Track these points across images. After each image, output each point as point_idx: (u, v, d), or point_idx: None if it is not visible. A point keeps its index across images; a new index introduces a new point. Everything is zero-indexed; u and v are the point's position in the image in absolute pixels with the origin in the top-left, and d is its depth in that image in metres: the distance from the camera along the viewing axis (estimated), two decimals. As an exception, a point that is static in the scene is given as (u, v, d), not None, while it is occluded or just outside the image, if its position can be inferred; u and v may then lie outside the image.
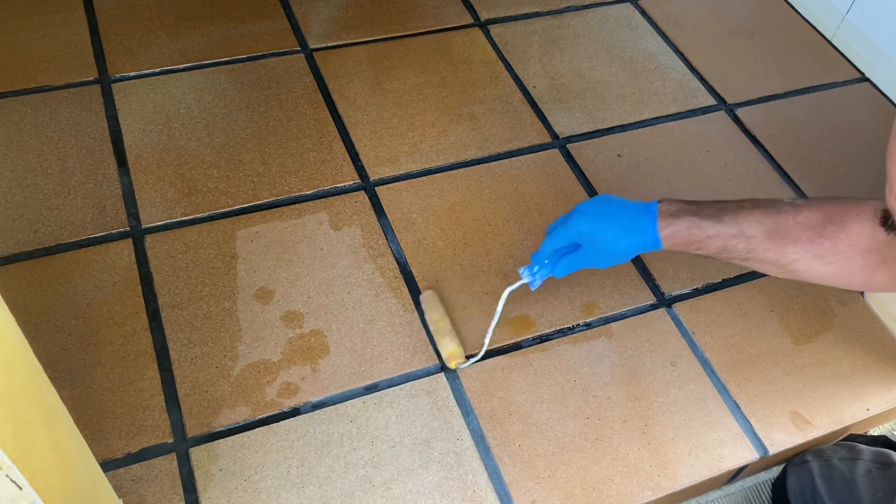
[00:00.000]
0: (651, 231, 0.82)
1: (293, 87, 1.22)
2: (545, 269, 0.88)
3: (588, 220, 0.84)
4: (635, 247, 0.83)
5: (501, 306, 0.90)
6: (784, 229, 0.78)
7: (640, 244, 0.83)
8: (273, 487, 0.82)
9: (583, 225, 0.84)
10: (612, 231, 0.83)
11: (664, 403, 0.93)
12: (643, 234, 0.82)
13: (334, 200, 1.08)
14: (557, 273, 0.88)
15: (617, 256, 0.84)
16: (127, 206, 1.04)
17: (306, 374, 0.91)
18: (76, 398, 0.86)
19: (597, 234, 0.83)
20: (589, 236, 0.84)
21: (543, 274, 0.88)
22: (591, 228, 0.83)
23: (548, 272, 0.88)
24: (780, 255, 0.79)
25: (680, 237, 0.81)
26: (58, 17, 1.28)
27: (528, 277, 0.89)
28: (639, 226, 0.82)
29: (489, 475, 0.85)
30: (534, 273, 0.88)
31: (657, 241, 0.82)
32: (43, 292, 0.94)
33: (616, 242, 0.83)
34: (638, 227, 0.82)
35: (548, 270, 0.88)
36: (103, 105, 1.16)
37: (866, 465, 0.85)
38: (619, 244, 0.83)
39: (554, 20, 1.41)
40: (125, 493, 0.80)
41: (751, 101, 1.31)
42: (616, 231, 0.83)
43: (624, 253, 0.84)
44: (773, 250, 0.79)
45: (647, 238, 0.82)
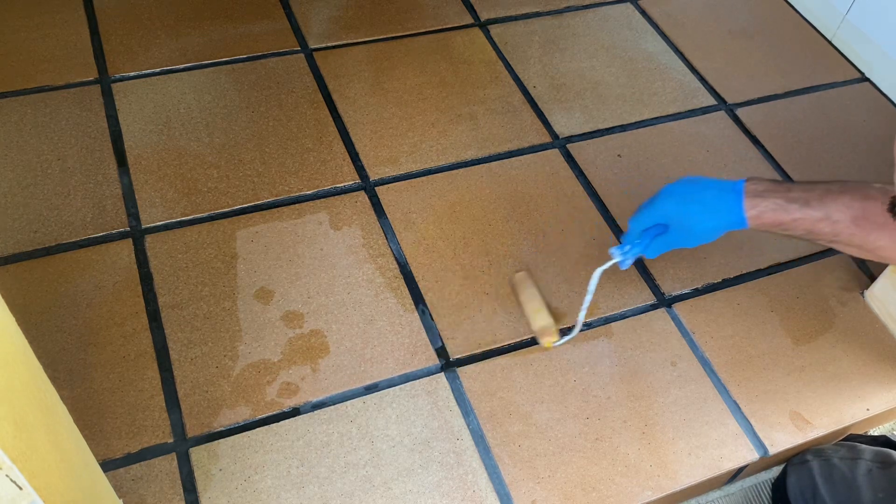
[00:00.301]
0: (737, 211, 0.83)
1: (293, 87, 1.22)
2: (637, 249, 0.89)
3: (673, 202, 0.85)
4: (721, 226, 0.84)
5: (594, 285, 0.91)
6: (871, 215, 0.78)
7: (725, 224, 0.84)
8: (273, 487, 0.82)
9: (668, 206, 0.85)
10: (698, 212, 0.84)
11: (664, 403, 0.93)
12: (728, 214, 0.83)
13: (334, 200, 1.08)
14: (649, 254, 0.89)
15: (703, 236, 0.85)
16: (127, 206, 1.04)
17: (306, 374, 0.91)
18: (76, 398, 0.86)
19: (682, 215, 0.84)
20: (675, 217, 0.85)
21: (635, 253, 0.89)
22: (676, 210, 0.85)
23: (639, 251, 0.89)
24: (865, 241, 0.80)
25: (766, 218, 0.82)
26: (58, 17, 1.28)
27: (619, 257, 0.90)
28: (724, 206, 0.83)
29: (489, 475, 0.85)
30: (625, 252, 0.90)
31: (743, 220, 0.83)
32: (43, 292, 0.94)
33: (701, 222, 0.84)
34: (723, 207, 0.83)
35: (639, 250, 0.89)
36: (103, 105, 1.16)
37: (867, 464, 0.85)
38: (705, 224, 0.84)
39: (554, 20, 1.41)
40: (125, 493, 0.80)
41: (751, 101, 1.31)
42: (701, 211, 0.84)
43: (710, 232, 0.85)
44: (858, 235, 0.79)
45: (732, 218, 0.83)
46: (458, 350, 0.95)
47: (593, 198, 1.13)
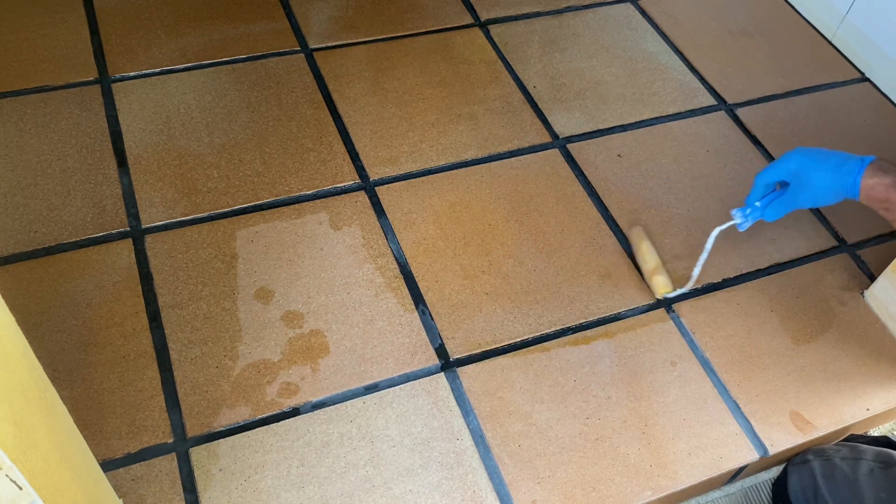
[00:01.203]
0: (854, 175, 0.86)
1: (293, 87, 1.22)
2: (757, 212, 0.94)
3: (799, 156, 0.90)
4: (836, 188, 0.88)
5: (711, 244, 0.95)
6: None
7: (840, 186, 0.88)
8: (273, 487, 0.82)
9: (793, 160, 0.90)
10: (819, 170, 0.89)
11: (664, 403, 0.93)
12: (845, 176, 0.87)
13: (334, 200, 1.08)
14: (768, 216, 0.94)
15: (820, 195, 0.90)
16: (127, 206, 1.04)
17: (306, 374, 0.91)
18: (76, 398, 0.86)
19: (805, 169, 0.89)
20: (797, 172, 0.90)
21: (755, 216, 0.95)
22: (800, 164, 0.90)
23: (759, 215, 0.94)
24: None
25: (877, 192, 0.86)
26: (58, 17, 1.28)
27: (739, 218, 0.95)
28: (845, 168, 0.87)
29: (489, 475, 0.85)
30: (746, 215, 0.94)
31: (856, 187, 0.87)
32: (43, 292, 0.94)
33: (820, 180, 0.88)
34: (843, 169, 0.87)
35: (759, 213, 0.94)
36: (103, 105, 1.16)
37: (869, 464, 0.85)
38: (822, 182, 0.88)
39: (554, 20, 1.41)
40: (125, 493, 0.80)
41: (751, 101, 1.31)
42: (822, 170, 0.88)
43: (825, 192, 0.89)
44: None
45: (847, 181, 0.87)
46: (458, 350, 0.95)
47: (593, 198, 1.13)
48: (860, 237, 1.13)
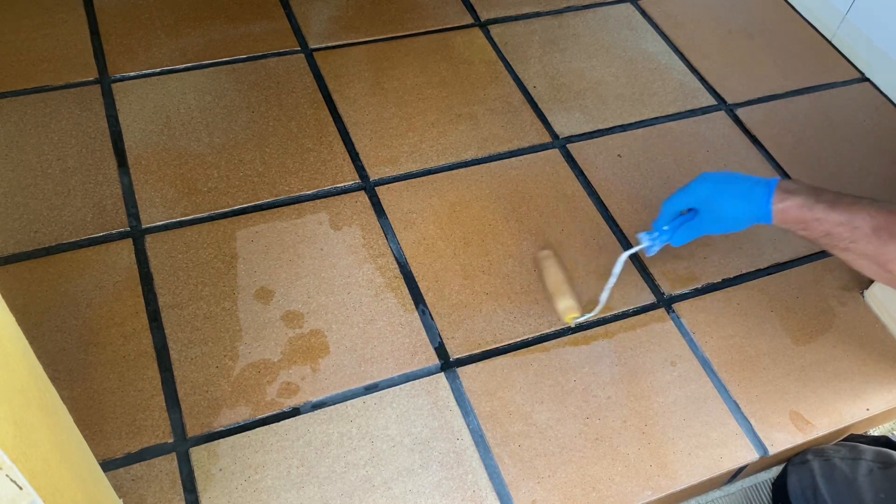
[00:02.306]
0: (765, 203, 0.85)
1: (293, 87, 1.22)
2: (664, 236, 0.91)
3: (707, 184, 0.88)
4: (747, 215, 0.86)
5: (619, 269, 0.93)
6: (892, 227, 0.79)
7: (752, 214, 0.86)
8: (273, 487, 0.82)
9: (702, 189, 0.88)
10: (728, 197, 0.87)
11: (664, 403, 0.93)
12: (756, 205, 0.85)
13: (334, 200, 1.08)
14: (675, 241, 0.91)
15: (730, 223, 0.88)
16: (127, 206, 1.04)
17: (306, 374, 0.91)
18: (76, 398, 0.86)
19: (714, 198, 0.87)
20: (706, 200, 0.88)
21: (663, 240, 0.91)
22: (708, 192, 0.88)
23: (666, 239, 0.91)
24: (880, 252, 0.80)
25: (791, 214, 0.84)
26: (58, 17, 1.28)
27: (646, 242, 0.92)
28: (754, 196, 0.85)
29: (489, 475, 0.85)
30: (653, 239, 0.91)
31: (768, 213, 0.85)
32: (43, 292, 0.94)
33: (730, 208, 0.87)
34: (753, 197, 0.86)
35: (667, 237, 0.91)
36: (103, 105, 1.16)
37: (868, 464, 0.85)
38: (733, 210, 0.87)
39: (554, 20, 1.41)
40: (125, 493, 0.80)
41: (751, 101, 1.31)
42: (731, 198, 0.86)
43: (736, 220, 0.87)
44: (874, 244, 0.80)
45: (759, 209, 0.85)
46: (458, 350, 0.95)
47: (593, 198, 1.13)
48: (860, 237, 1.13)
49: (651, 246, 0.92)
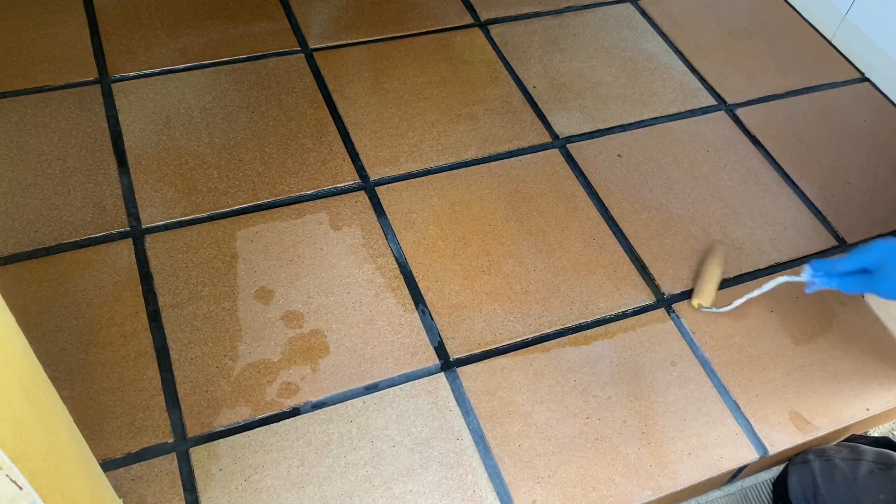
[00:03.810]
0: None
1: (293, 87, 1.22)
2: (834, 282, 0.88)
3: (883, 251, 0.84)
4: None
5: (769, 287, 0.95)
6: None
7: None
8: (273, 487, 0.82)
9: (880, 251, 0.84)
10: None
11: (664, 403, 0.93)
12: None
13: (334, 200, 1.08)
14: (844, 288, 0.88)
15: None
16: (127, 206, 1.04)
17: (306, 374, 0.91)
18: (76, 398, 0.86)
19: (890, 262, 0.83)
20: (885, 263, 0.84)
21: (828, 284, 0.88)
22: (885, 255, 0.84)
23: (835, 285, 0.88)
24: None
25: None
26: (58, 17, 1.28)
27: (808, 277, 0.89)
28: None
29: (489, 475, 0.85)
30: (816, 278, 0.89)
31: None
32: (43, 292, 0.94)
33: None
34: None
35: (836, 283, 0.88)
36: (103, 105, 1.16)
37: (869, 465, 0.85)
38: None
39: (554, 20, 1.41)
40: (125, 493, 0.80)
41: (751, 101, 1.31)
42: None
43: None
44: None
45: None
46: (458, 350, 0.95)
47: (593, 198, 1.13)
48: (860, 236, 1.13)
49: (813, 284, 0.89)
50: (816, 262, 0.89)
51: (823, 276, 0.88)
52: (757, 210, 1.14)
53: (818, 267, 0.89)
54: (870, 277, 0.85)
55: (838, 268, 0.87)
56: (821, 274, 0.89)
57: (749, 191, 1.17)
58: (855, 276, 0.87)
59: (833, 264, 0.88)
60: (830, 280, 0.88)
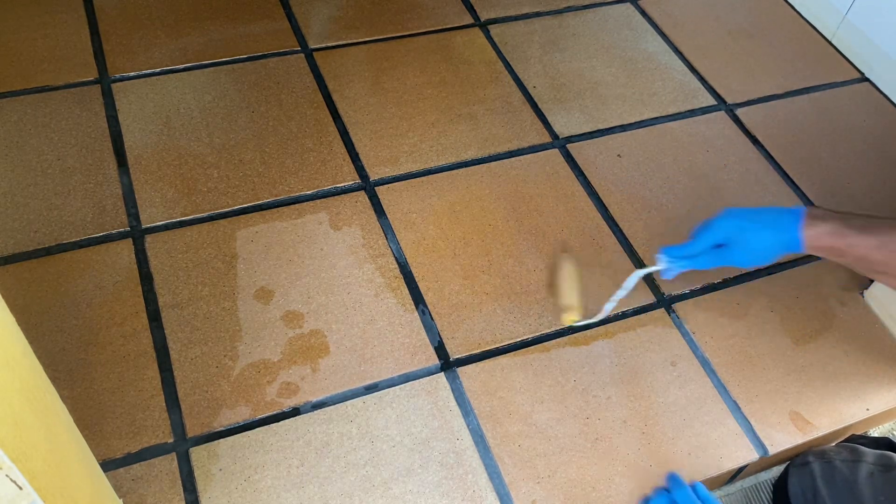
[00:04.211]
0: (794, 231, 0.83)
1: (293, 87, 1.22)
2: (686, 262, 0.88)
3: (733, 219, 0.85)
4: (777, 245, 0.84)
5: (631, 284, 0.92)
6: None
7: (782, 243, 0.84)
8: (273, 487, 0.82)
9: (727, 224, 0.85)
10: (756, 228, 0.84)
11: (664, 403, 0.93)
12: (785, 232, 0.83)
13: (334, 200, 1.08)
14: (699, 266, 0.88)
15: (759, 255, 0.85)
16: (127, 206, 1.04)
17: (306, 374, 0.91)
18: (76, 398, 0.86)
19: (741, 231, 0.85)
20: (734, 234, 0.85)
21: (683, 266, 0.88)
22: (736, 226, 0.85)
23: (688, 265, 0.88)
24: None
25: (822, 241, 0.82)
26: (58, 17, 1.28)
27: (664, 265, 0.89)
28: (782, 224, 0.84)
29: (489, 475, 0.85)
30: (672, 263, 0.88)
31: (797, 240, 0.83)
32: (43, 292, 0.94)
33: (760, 240, 0.84)
34: (781, 226, 0.84)
35: (689, 263, 0.88)
36: (103, 105, 1.16)
37: (868, 467, 0.85)
38: (762, 242, 0.84)
39: (554, 20, 1.41)
40: (125, 493, 0.80)
41: (751, 101, 1.31)
42: (760, 228, 0.84)
43: (765, 251, 0.85)
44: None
45: (788, 237, 0.83)
46: (458, 350, 0.95)
47: (593, 198, 1.13)
48: (860, 237, 1.13)
49: (669, 269, 0.89)
50: (667, 249, 0.89)
51: (677, 259, 0.89)
52: (757, 210, 1.14)
53: (670, 253, 0.89)
54: (723, 251, 0.87)
55: (690, 250, 0.88)
56: (674, 259, 0.89)
57: (749, 191, 1.17)
58: (708, 253, 0.87)
59: (684, 247, 0.88)
60: (685, 262, 0.88)
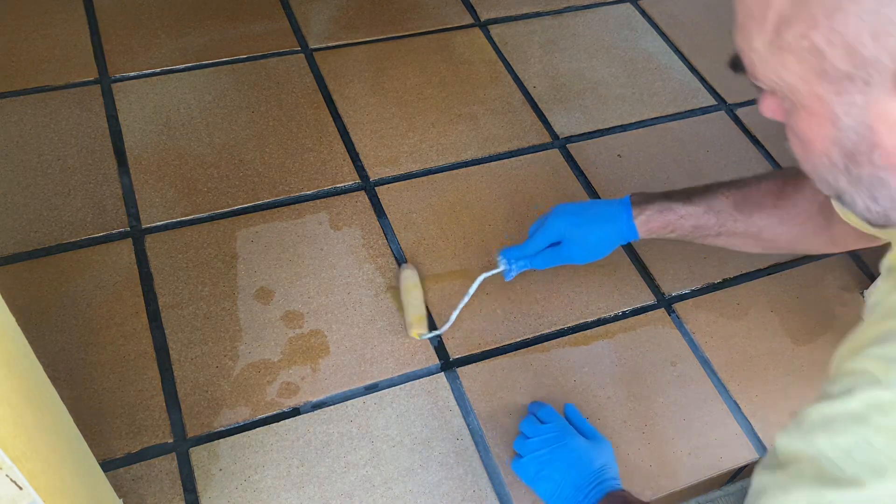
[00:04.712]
0: (626, 220, 0.86)
1: (293, 87, 1.22)
2: (524, 262, 0.92)
3: (565, 217, 0.88)
4: (612, 237, 0.87)
5: (473, 290, 0.94)
6: (750, 198, 0.83)
7: (616, 233, 0.87)
8: (273, 487, 0.82)
9: (560, 222, 0.88)
10: (589, 224, 0.87)
11: (664, 403, 0.93)
12: (619, 223, 0.86)
13: (334, 200, 1.08)
14: (537, 265, 0.92)
15: (595, 249, 0.88)
16: (127, 206, 1.04)
17: (306, 374, 0.91)
18: (76, 398, 0.86)
19: (575, 227, 0.87)
20: (568, 232, 0.88)
21: (521, 266, 0.92)
22: (569, 223, 0.88)
23: (526, 265, 0.92)
24: (748, 225, 0.84)
25: (654, 221, 0.85)
26: (58, 17, 1.28)
27: (504, 266, 0.93)
28: (614, 216, 0.86)
29: (489, 475, 0.85)
30: (511, 264, 0.92)
31: (633, 229, 0.86)
32: (43, 292, 0.94)
33: (592, 234, 0.87)
34: (613, 217, 0.86)
35: (527, 263, 0.92)
36: (103, 105, 1.16)
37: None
38: (596, 235, 0.87)
39: (554, 20, 1.41)
40: (125, 493, 0.80)
41: (751, 101, 1.31)
42: (592, 223, 0.87)
43: (601, 244, 0.88)
44: (741, 220, 0.83)
45: (622, 226, 0.86)
46: (458, 350, 0.95)
47: (593, 198, 1.13)
48: (860, 237, 1.13)
49: (509, 270, 0.93)
50: (506, 251, 0.93)
51: (517, 261, 0.92)
52: (757, 210, 1.14)
53: (509, 254, 0.92)
54: (560, 249, 0.89)
55: (527, 250, 0.91)
56: (513, 260, 0.92)
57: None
58: (545, 252, 0.90)
59: (522, 248, 0.91)
60: (526, 263, 0.92)
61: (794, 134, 0.53)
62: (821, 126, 0.49)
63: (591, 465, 0.79)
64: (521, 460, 0.82)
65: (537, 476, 0.80)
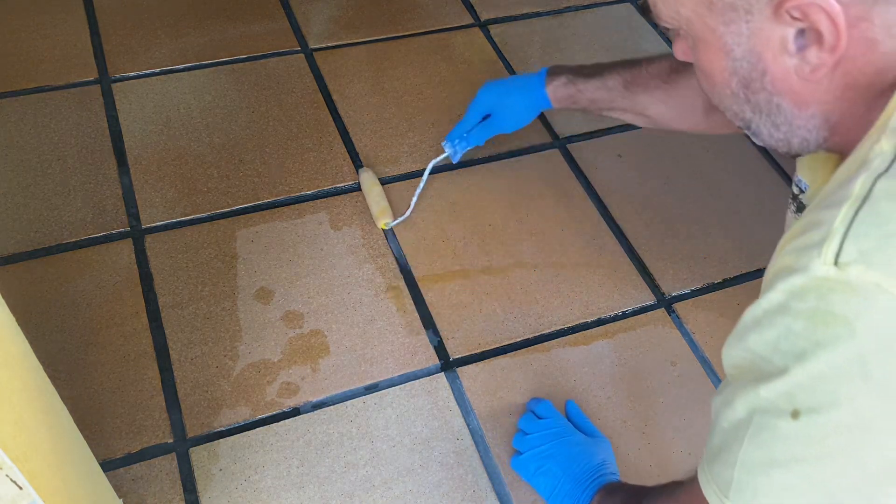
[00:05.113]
0: (540, 89, 0.99)
1: (293, 87, 1.22)
2: (464, 142, 1.04)
3: (491, 90, 1.02)
4: (530, 105, 1.00)
5: (427, 175, 1.06)
6: (638, 79, 0.93)
7: (533, 102, 1.00)
8: (273, 487, 0.82)
9: (487, 96, 1.02)
10: (511, 94, 1.01)
11: (664, 403, 0.93)
12: (534, 92, 0.99)
13: (334, 200, 1.08)
14: (474, 141, 1.04)
15: (519, 116, 1.02)
16: (127, 206, 1.04)
17: (306, 374, 0.91)
18: (76, 398, 0.86)
19: (500, 98, 1.01)
20: (495, 103, 1.02)
21: (464, 147, 1.05)
22: (495, 93, 1.02)
23: (467, 144, 1.04)
24: (633, 103, 0.94)
25: (560, 92, 0.98)
26: (58, 17, 1.28)
27: (449, 150, 1.05)
28: (532, 86, 0.99)
29: (489, 475, 0.85)
30: (455, 146, 1.04)
31: (545, 97, 0.99)
32: (43, 292, 0.94)
33: (515, 103, 1.00)
34: (531, 87, 0.99)
35: (466, 143, 1.04)
36: (103, 105, 1.16)
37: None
38: (518, 104, 1.00)
39: (554, 20, 1.41)
40: (125, 493, 0.80)
41: (751, 101, 1.31)
42: (514, 94, 1.00)
43: (524, 111, 1.01)
44: (628, 98, 0.94)
45: (537, 95, 0.99)
46: (458, 350, 0.95)
47: (593, 198, 1.13)
48: (860, 237, 1.13)
49: (455, 153, 1.05)
50: (449, 135, 1.05)
51: (458, 141, 1.04)
52: (757, 210, 1.14)
53: (451, 137, 1.05)
54: (491, 122, 1.03)
55: (463, 127, 1.04)
56: (456, 141, 1.04)
57: (749, 188, 1.17)
58: (478, 127, 1.03)
59: (458, 128, 1.04)
60: (465, 141, 1.04)
61: (700, 70, 0.57)
62: (718, 58, 0.53)
63: (591, 459, 0.79)
64: (521, 457, 0.82)
65: (537, 472, 0.80)
